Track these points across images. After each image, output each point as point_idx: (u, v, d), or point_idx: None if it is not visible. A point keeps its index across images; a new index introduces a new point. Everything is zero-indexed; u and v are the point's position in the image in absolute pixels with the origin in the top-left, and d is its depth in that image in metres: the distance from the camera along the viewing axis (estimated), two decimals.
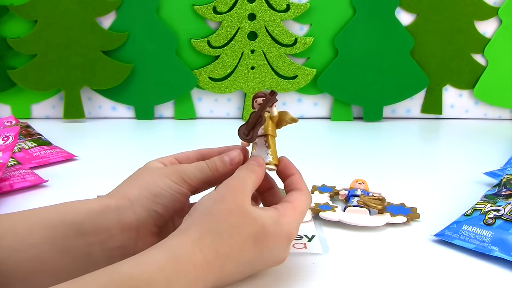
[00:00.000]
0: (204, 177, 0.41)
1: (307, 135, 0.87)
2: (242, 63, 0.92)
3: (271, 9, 0.90)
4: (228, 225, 0.36)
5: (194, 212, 0.37)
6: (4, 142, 0.63)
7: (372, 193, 0.56)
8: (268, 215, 0.38)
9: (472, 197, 0.57)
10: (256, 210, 0.37)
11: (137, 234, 0.39)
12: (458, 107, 0.97)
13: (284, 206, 0.40)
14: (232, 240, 0.36)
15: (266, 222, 0.37)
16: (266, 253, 0.38)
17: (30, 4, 0.87)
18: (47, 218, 0.36)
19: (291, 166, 0.43)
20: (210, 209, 0.36)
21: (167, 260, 0.33)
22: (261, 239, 0.37)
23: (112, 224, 0.38)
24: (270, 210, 0.39)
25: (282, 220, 0.38)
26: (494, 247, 0.44)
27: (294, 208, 0.40)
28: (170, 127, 0.92)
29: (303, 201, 0.41)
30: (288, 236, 0.39)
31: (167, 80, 0.92)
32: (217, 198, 0.37)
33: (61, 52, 0.88)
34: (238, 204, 0.37)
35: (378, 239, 0.48)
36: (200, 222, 0.36)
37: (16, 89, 0.91)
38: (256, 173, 0.40)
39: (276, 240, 0.38)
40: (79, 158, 0.72)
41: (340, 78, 0.93)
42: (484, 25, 0.93)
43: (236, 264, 0.36)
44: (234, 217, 0.36)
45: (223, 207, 0.36)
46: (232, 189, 0.37)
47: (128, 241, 0.38)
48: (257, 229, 0.37)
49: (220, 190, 0.38)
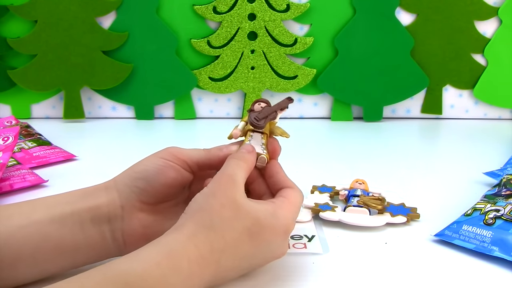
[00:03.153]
0: (196, 155, 0.43)
1: (307, 135, 0.87)
2: (242, 63, 0.92)
3: (271, 9, 0.90)
4: (221, 220, 0.36)
5: (188, 209, 0.37)
6: (4, 142, 0.63)
7: (372, 193, 0.56)
8: (263, 208, 0.38)
9: (472, 197, 0.57)
10: (250, 203, 0.38)
11: (122, 210, 0.40)
12: (458, 107, 0.97)
13: (280, 200, 0.40)
14: (227, 234, 0.36)
15: (261, 215, 0.37)
16: (263, 247, 0.38)
17: (30, 4, 0.87)
18: (48, 200, 0.41)
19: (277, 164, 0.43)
20: (202, 205, 0.37)
21: (162, 256, 0.33)
22: (257, 232, 0.37)
23: (100, 201, 0.40)
24: (265, 203, 0.39)
25: (278, 213, 0.38)
26: (494, 247, 0.44)
27: (290, 202, 0.40)
28: (170, 127, 0.92)
29: (297, 196, 0.41)
30: (285, 229, 0.39)
31: (167, 80, 0.92)
32: (209, 194, 0.37)
33: (61, 52, 0.88)
34: (230, 198, 0.37)
35: (378, 239, 0.48)
36: (194, 218, 0.36)
37: (16, 89, 0.91)
38: (246, 160, 0.40)
39: (273, 233, 0.38)
40: (79, 158, 0.72)
41: (340, 78, 0.93)
42: (484, 25, 0.93)
43: (233, 259, 0.37)
44: (227, 211, 0.36)
45: (215, 202, 0.37)
46: (222, 183, 0.38)
47: (114, 217, 0.40)
48: (251, 222, 0.37)
49: (211, 186, 0.38)
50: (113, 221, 0.40)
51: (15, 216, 0.39)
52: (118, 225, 0.40)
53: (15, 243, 0.37)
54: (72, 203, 0.40)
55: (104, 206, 0.40)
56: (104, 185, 0.42)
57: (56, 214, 0.39)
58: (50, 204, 0.40)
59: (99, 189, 0.41)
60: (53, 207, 0.40)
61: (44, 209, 0.39)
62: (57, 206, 0.40)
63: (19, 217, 0.39)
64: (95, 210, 0.40)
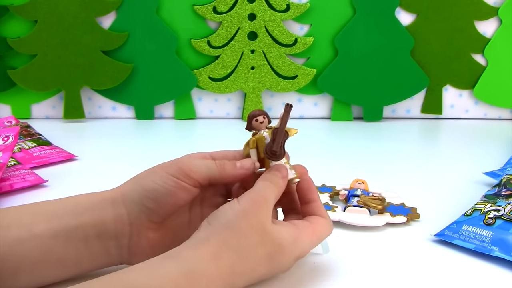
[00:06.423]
0: (209, 173, 0.39)
1: (307, 135, 0.87)
2: (242, 63, 0.92)
3: (271, 9, 0.90)
4: (248, 244, 0.35)
5: (215, 221, 0.36)
6: (4, 142, 0.62)
7: (372, 193, 0.56)
8: (287, 234, 0.37)
9: (472, 197, 0.57)
10: (276, 227, 0.37)
11: (130, 228, 0.39)
12: (458, 107, 0.97)
13: (304, 225, 0.39)
14: (250, 259, 0.35)
15: (284, 241, 0.37)
16: (276, 268, 0.38)
17: (30, 4, 0.87)
18: (50, 210, 0.38)
19: (314, 191, 0.41)
20: (231, 223, 0.35)
21: (180, 273, 0.32)
22: (277, 258, 0.37)
23: (106, 216, 0.38)
24: (289, 226, 0.38)
25: (299, 241, 0.38)
26: (494, 247, 0.44)
27: (314, 230, 0.39)
28: (170, 127, 0.92)
29: (324, 227, 0.40)
30: (300, 255, 0.39)
31: (167, 80, 0.92)
32: (240, 212, 0.36)
33: (61, 52, 0.88)
34: (261, 222, 0.36)
35: (378, 239, 0.48)
36: (220, 235, 0.35)
37: (16, 89, 0.91)
38: (278, 187, 0.39)
39: (289, 258, 0.38)
40: (79, 158, 0.72)
41: (340, 78, 0.93)
42: (484, 25, 0.93)
43: (247, 281, 0.36)
44: (255, 235, 0.35)
45: (245, 223, 0.35)
46: (256, 205, 0.36)
47: (121, 235, 0.39)
48: (274, 248, 0.36)
49: (243, 204, 0.36)
50: (120, 238, 0.39)
51: (14, 227, 0.36)
52: (125, 242, 0.39)
53: (13, 258, 0.35)
54: (77, 215, 0.38)
55: (111, 222, 0.38)
56: (110, 196, 0.39)
57: (60, 228, 0.37)
58: (52, 214, 0.37)
59: (105, 201, 0.39)
60: (56, 219, 0.37)
61: (46, 221, 0.37)
62: (61, 219, 0.37)
63: (18, 228, 0.36)
64: (101, 226, 0.38)
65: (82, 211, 0.38)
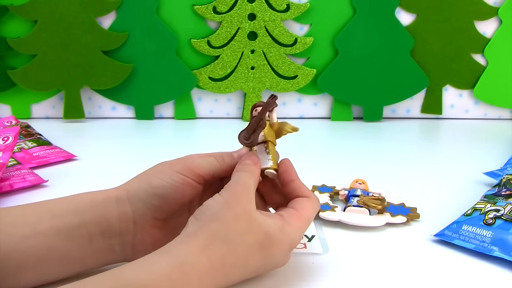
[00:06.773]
0: (212, 168, 0.41)
1: (307, 135, 0.87)
2: (242, 63, 0.92)
3: (271, 9, 0.90)
4: (236, 232, 0.35)
5: (201, 216, 0.36)
6: (4, 142, 0.63)
7: (372, 193, 0.56)
8: (273, 222, 0.37)
9: (472, 197, 0.57)
10: (261, 216, 0.37)
11: (134, 225, 0.39)
12: (458, 107, 0.97)
13: (289, 213, 0.39)
14: (239, 248, 0.35)
15: (271, 229, 0.37)
16: (270, 259, 0.38)
17: (30, 4, 0.87)
18: (54, 208, 0.39)
19: (292, 172, 0.42)
20: (217, 214, 0.36)
21: (172, 267, 0.33)
22: (267, 247, 0.37)
23: (111, 214, 0.39)
24: (274, 217, 0.38)
25: (287, 229, 0.38)
26: (494, 247, 0.44)
27: (300, 216, 0.39)
28: (170, 127, 0.92)
29: (309, 208, 0.40)
30: (291, 243, 0.39)
31: (167, 80, 0.92)
32: (224, 203, 0.36)
33: (61, 52, 0.88)
34: (245, 209, 0.36)
35: (378, 239, 0.48)
36: (207, 227, 0.35)
37: (16, 89, 0.91)
38: (253, 173, 0.39)
39: (280, 248, 0.38)
40: (79, 158, 0.72)
41: (340, 78, 0.93)
42: (484, 25, 0.93)
43: (241, 272, 0.36)
44: (241, 223, 0.36)
45: (230, 213, 0.36)
46: (237, 194, 0.37)
47: (126, 232, 0.39)
48: (263, 236, 0.36)
49: (225, 195, 0.37)
50: (124, 235, 0.39)
51: (19, 225, 0.37)
52: (129, 240, 0.39)
53: (18, 255, 0.36)
54: (80, 213, 0.38)
55: (115, 220, 0.39)
56: (115, 194, 0.40)
57: (63, 226, 0.37)
58: (56, 212, 0.38)
59: (109, 199, 0.39)
60: (60, 217, 0.38)
61: (50, 219, 0.38)
62: (64, 217, 0.38)
63: (23, 226, 0.37)
64: (105, 224, 0.38)
65: (85, 209, 0.39)
